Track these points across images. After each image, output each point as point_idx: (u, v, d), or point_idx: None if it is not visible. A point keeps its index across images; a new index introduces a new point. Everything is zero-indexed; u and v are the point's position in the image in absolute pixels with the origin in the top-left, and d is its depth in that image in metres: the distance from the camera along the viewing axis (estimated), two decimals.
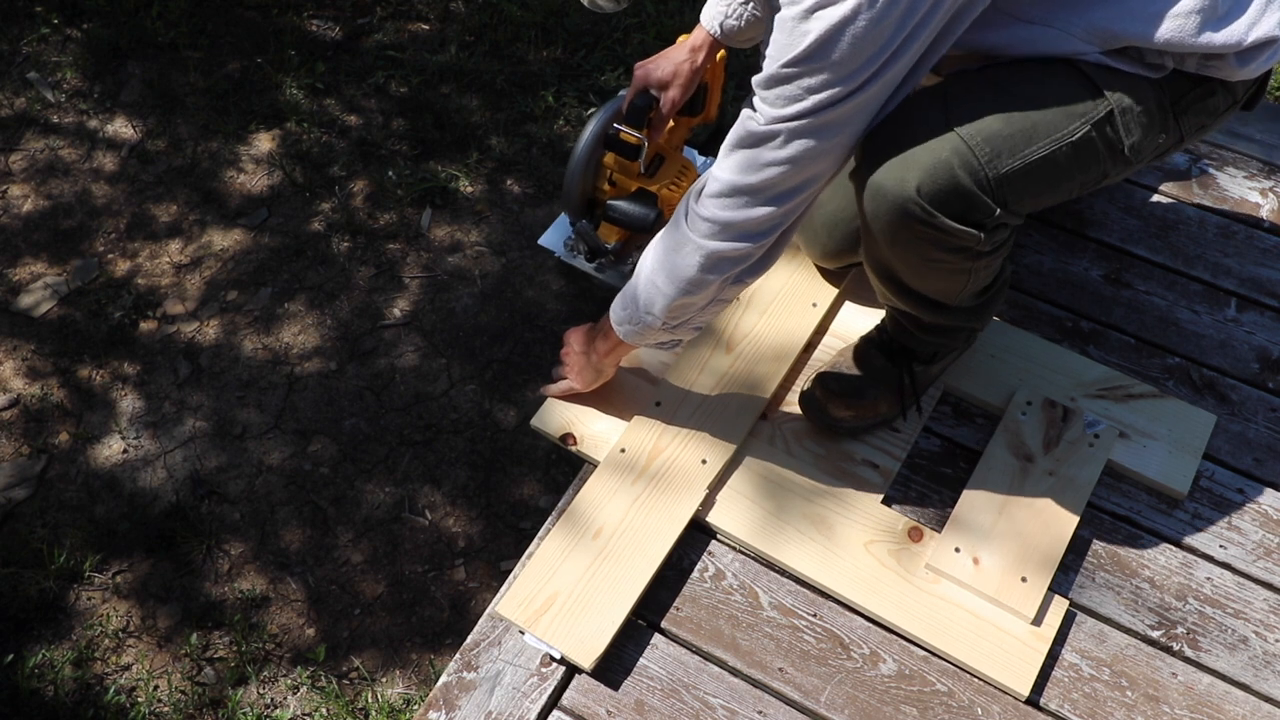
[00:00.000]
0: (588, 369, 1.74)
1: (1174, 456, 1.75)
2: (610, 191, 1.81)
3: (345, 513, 2.29)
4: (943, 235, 1.41)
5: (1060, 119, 1.40)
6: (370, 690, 2.08)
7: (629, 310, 1.58)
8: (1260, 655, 1.60)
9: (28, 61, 3.09)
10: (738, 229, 1.41)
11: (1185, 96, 1.45)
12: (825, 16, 1.22)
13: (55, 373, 2.49)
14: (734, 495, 1.70)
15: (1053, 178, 1.43)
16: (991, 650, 1.56)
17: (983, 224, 1.42)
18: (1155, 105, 1.43)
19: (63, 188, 2.83)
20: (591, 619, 1.56)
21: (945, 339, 1.71)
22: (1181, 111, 1.46)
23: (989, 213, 1.41)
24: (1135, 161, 1.49)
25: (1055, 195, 1.49)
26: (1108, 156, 1.45)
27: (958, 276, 1.52)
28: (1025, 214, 1.48)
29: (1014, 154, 1.38)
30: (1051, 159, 1.40)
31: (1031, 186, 1.42)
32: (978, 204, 1.39)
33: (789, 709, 1.55)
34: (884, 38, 1.24)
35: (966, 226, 1.40)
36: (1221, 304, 1.98)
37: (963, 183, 1.36)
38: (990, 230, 1.43)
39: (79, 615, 2.16)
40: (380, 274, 2.66)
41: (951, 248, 1.44)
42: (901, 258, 1.49)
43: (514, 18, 3.13)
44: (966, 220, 1.40)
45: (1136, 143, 1.44)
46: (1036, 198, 1.46)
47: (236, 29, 3.15)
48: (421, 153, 2.88)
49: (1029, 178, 1.41)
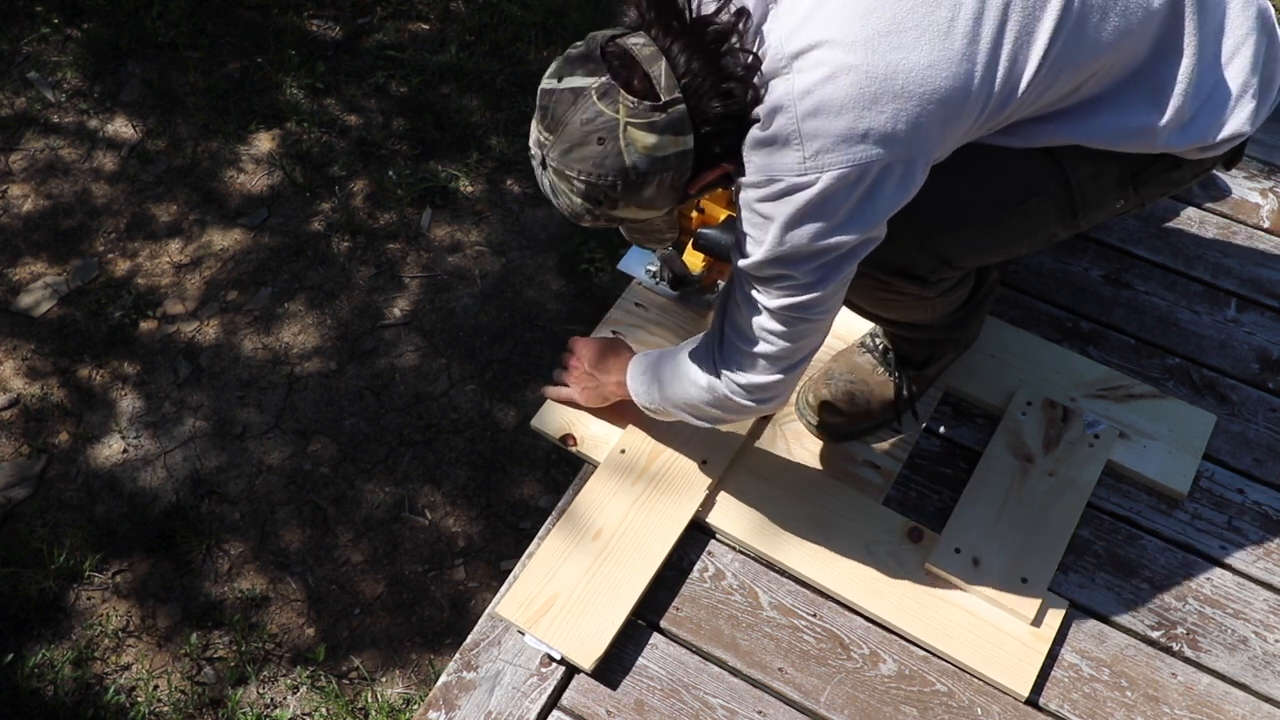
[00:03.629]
0: (594, 393, 1.74)
1: (1174, 456, 1.75)
2: (698, 219, 1.78)
3: (345, 513, 2.29)
4: (884, 287, 1.42)
5: (1015, 188, 1.39)
6: (370, 690, 2.08)
7: (650, 390, 1.58)
8: (1260, 655, 1.60)
9: (28, 61, 3.09)
10: (756, 393, 1.41)
11: (1147, 169, 1.43)
12: (786, 207, 1.21)
13: (55, 373, 2.49)
14: (734, 495, 1.70)
15: (1001, 238, 1.43)
16: (991, 650, 1.56)
17: (925, 278, 1.42)
18: (1115, 178, 1.42)
19: (63, 187, 2.83)
20: (591, 619, 1.56)
21: (936, 348, 1.72)
22: (1142, 183, 1.45)
23: (931, 269, 1.41)
24: (1085, 226, 1.49)
25: (1003, 253, 1.50)
26: (1058, 221, 1.45)
27: (917, 309, 1.53)
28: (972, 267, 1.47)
29: (958, 219, 1.37)
30: (997, 223, 1.40)
31: (976, 248, 1.43)
32: (918, 263, 1.39)
33: (789, 709, 1.55)
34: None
35: (906, 281, 1.40)
36: (1221, 304, 1.98)
37: (903, 243, 1.35)
38: (932, 283, 1.43)
39: (79, 615, 2.16)
40: (380, 274, 2.66)
41: (898, 291, 1.45)
42: (856, 295, 1.49)
43: (514, 18, 3.13)
44: (908, 276, 1.40)
45: (1090, 211, 1.44)
46: (983, 255, 1.46)
47: (236, 29, 3.14)
48: (421, 153, 2.88)
49: (974, 241, 1.41)
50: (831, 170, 1.18)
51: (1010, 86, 1.23)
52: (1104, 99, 1.32)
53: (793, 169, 1.19)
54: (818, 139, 1.17)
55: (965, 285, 1.54)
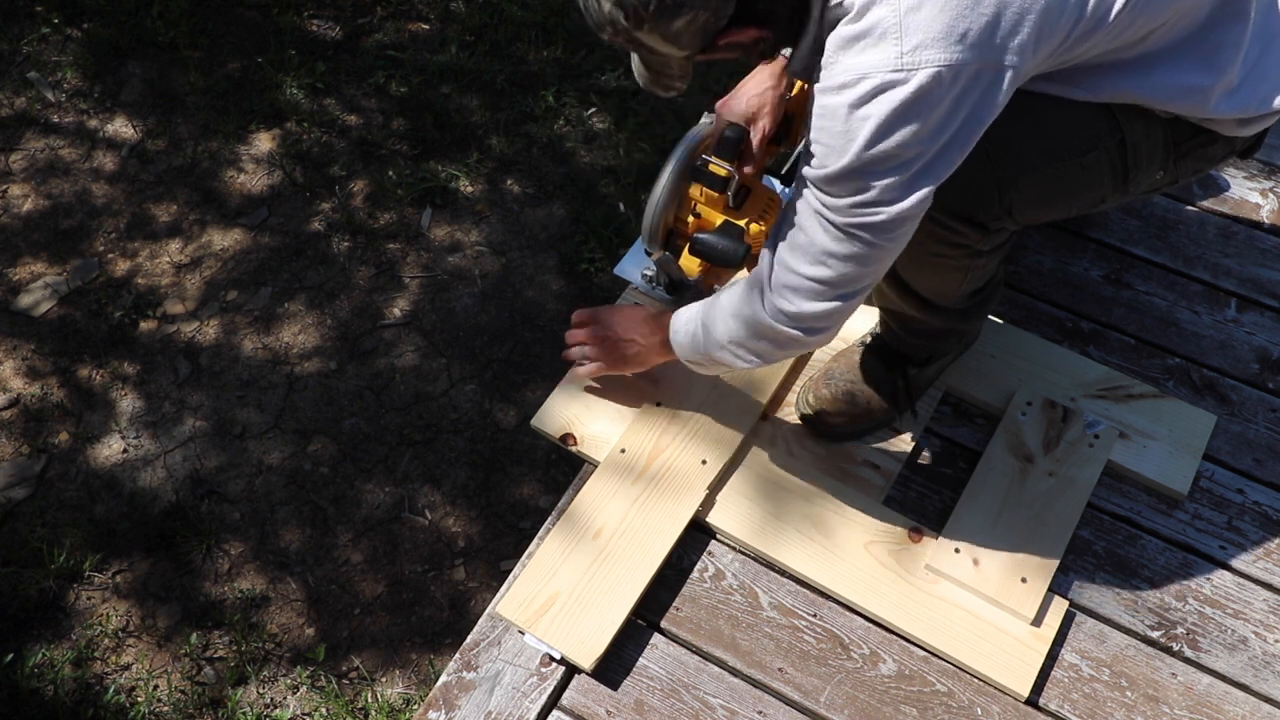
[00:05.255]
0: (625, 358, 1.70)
1: (1174, 457, 1.75)
2: (695, 224, 1.78)
3: (345, 512, 2.29)
4: (945, 231, 1.41)
5: (1077, 139, 1.40)
6: (370, 690, 2.08)
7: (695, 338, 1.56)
8: (1260, 655, 1.60)
9: (28, 61, 3.09)
10: (807, 322, 1.39)
11: (1188, 140, 1.46)
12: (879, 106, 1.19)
13: (55, 372, 2.49)
14: (734, 495, 1.70)
15: (1058, 192, 1.44)
16: (991, 651, 1.56)
17: (986, 225, 1.42)
18: (1161, 142, 1.45)
19: (63, 187, 2.83)
20: (591, 619, 1.56)
21: (939, 343, 1.71)
22: (1182, 155, 1.48)
23: (995, 215, 1.41)
24: (1132, 192, 1.50)
25: (1055, 210, 1.51)
26: (1110, 181, 1.46)
27: (954, 274, 1.53)
28: (1023, 224, 1.48)
29: (1029, 164, 1.38)
30: (1059, 174, 1.40)
31: (1037, 197, 1.43)
32: (985, 206, 1.39)
33: (789, 709, 1.55)
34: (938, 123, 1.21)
35: (971, 226, 1.40)
36: (1221, 304, 1.98)
37: (975, 184, 1.36)
38: (992, 232, 1.43)
39: (79, 615, 2.16)
40: (380, 274, 2.66)
41: (952, 243, 1.45)
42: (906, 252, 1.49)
43: (514, 18, 3.13)
44: (972, 220, 1.40)
45: (1141, 174, 1.46)
46: (1038, 209, 1.46)
47: (236, 29, 3.14)
48: (421, 153, 2.88)
49: (1037, 189, 1.41)
50: (928, 68, 1.16)
51: (1101, 13, 1.24)
52: (1164, 55, 1.34)
53: (888, 64, 1.17)
54: (918, 33, 1.16)
55: (996, 256, 1.54)
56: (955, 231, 1.41)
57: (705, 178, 1.73)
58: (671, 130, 2.88)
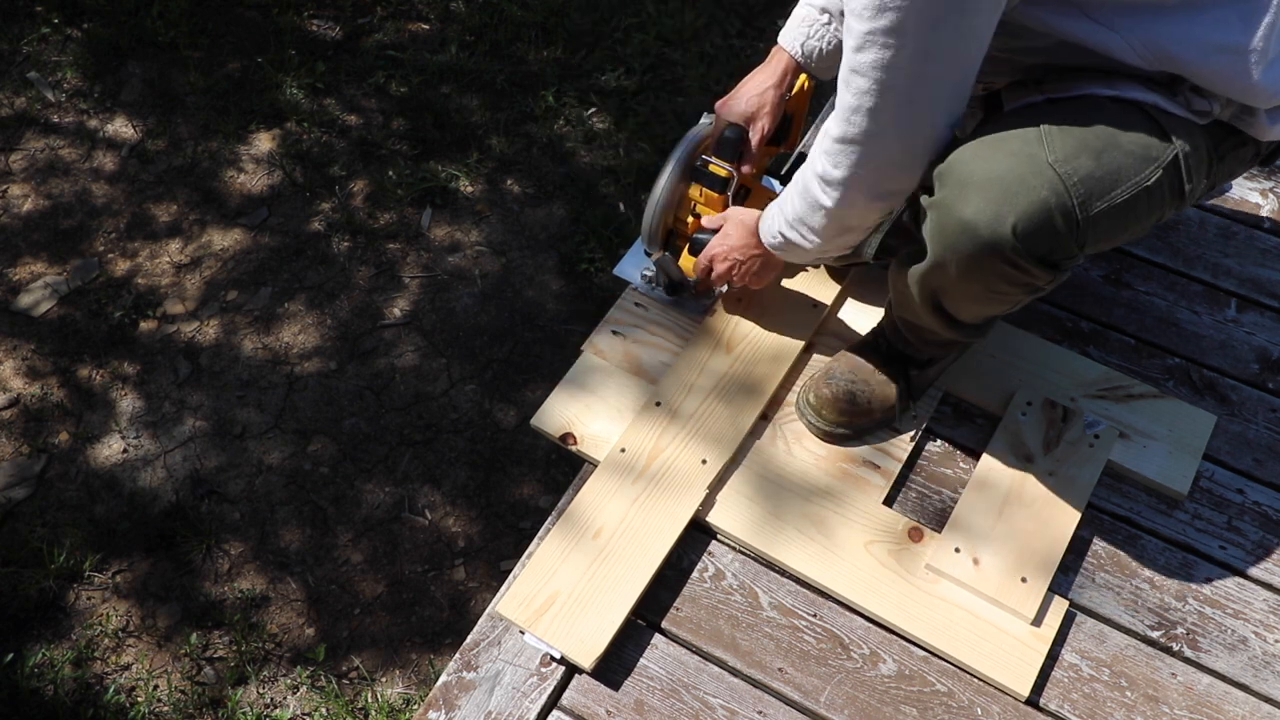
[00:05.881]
0: (754, 273, 1.72)
1: (1174, 457, 1.75)
2: (694, 224, 1.78)
3: (345, 512, 2.29)
4: (1020, 274, 1.39)
5: (1138, 163, 1.36)
6: (370, 690, 2.08)
7: (772, 221, 1.57)
8: (1260, 655, 1.60)
9: (28, 61, 3.09)
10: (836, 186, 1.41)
11: (1224, 143, 1.43)
12: None
13: (55, 372, 2.49)
14: (734, 495, 1.70)
15: (1128, 221, 1.40)
16: (991, 650, 1.56)
17: (1059, 264, 1.39)
18: (1205, 151, 1.41)
19: (63, 187, 2.83)
20: (591, 619, 1.56)
21: (946, 350, 1.71)
22: (1220, 159, 1.45)
23: (1070, 254, 1.38)
24: (1190, 202, 1.47)
25: (1122, 239, 1.47)
26: (1170, 200, 1.42)
27: (1005, 306, 1.51)
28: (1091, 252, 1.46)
29: (1102, 197, 1.34)
30: (1131, 203, 1.37)
31: (1110, 230, 1.39)
32: (1063, 246, 1.36)
33: (789, 709, 1.55)
34: None
35: (1045, 268, 1.38)
36: (1221, 304, 1.98)
37: (1057, 225, 1.32)
38: (1062, 272, 1.41)
39: (79, 615, 2.16)
40: (380, 274, 2.66)
41: (1021, 283, 1.42)
42: (966, 288, 1.46)
43: (514, 18, 3.13)
44: (1048, 261, 1.38)
45: (1195, 186, 1.42)
46: (1109, 240, 1.43)
47: (236, 29, 3.15)
48: (421, 153, 2.88)
49: (1110, 221, 1.37)
50: None
51: None
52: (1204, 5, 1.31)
53: None
54: None
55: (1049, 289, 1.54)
56: (1028, 273, 1.39)
57: (705, 178, 1.73)
58: (671, 130, 2.88)
